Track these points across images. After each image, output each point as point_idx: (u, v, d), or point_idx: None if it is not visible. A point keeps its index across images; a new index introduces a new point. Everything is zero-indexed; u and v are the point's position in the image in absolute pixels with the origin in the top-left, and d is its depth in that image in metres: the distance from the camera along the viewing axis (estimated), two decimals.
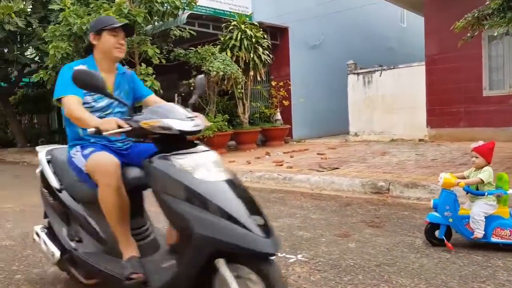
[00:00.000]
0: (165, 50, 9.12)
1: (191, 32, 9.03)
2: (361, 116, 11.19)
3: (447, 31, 9.64)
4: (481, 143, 3.24)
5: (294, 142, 11.60)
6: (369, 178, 5.60)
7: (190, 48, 9.46)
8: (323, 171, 6.47)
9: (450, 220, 3.16)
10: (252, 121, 11.09)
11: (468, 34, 5.53)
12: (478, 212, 3.08)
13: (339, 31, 13.32)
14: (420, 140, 10.09)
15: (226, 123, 9.82)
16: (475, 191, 3.16)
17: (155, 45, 8.80)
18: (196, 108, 2.34)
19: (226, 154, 9.75)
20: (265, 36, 10.29)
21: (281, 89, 11.09)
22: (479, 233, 3.06)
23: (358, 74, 11.16)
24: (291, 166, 7.13)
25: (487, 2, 5.19)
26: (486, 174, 3.13)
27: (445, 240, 3.14)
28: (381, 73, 10.68)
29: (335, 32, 13.15)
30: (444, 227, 3.16)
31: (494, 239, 3.06)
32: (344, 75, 11.91)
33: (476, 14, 5.16)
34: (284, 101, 11.12)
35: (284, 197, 5.37)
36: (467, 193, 3.24)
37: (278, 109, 11.22)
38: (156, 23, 9.00)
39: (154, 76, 8.59)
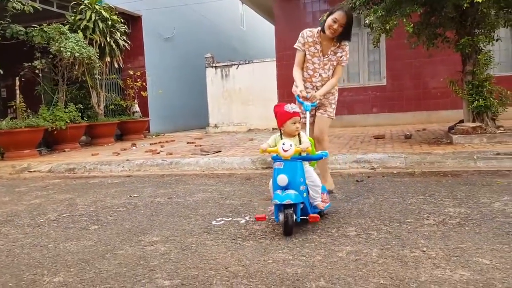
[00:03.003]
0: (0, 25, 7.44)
1: (35, 5, 7.62)
2: (220, 108, 11.49)
3: (292, 32, 10.88)
4: (295, 107, 2.74)
5: (153, 136, 11.06)
6: (258, 156, 5.81)
7: (33, 26, 7.98)
8: (207, 154, 6.39)
9: (305, 194, 2.55)
10: (105, 114, 10.07)
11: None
12: (317, 178, 2.71)
13: (190, 25, 13.36)
14: (273, 129, 10.95)
15: (80, 114, 8.67)
16: (316, 156, 2.79)
17: None
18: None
19: (80, 149, 8.59)
20: (122, 21, 9.50)
21: (138, 80, 10.42)
22: (320, 201, 2.71)
23: (216, 67, 11.42)
24: (171, 153, 6.80)
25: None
26: (306, 137, 2.83)
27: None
28: (237, 67, 11.19)
29: (186, 26, 13.12)
30: (299, 205, 2.51)
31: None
32: (199, 71, 12.01)
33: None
34: (142, 92, 10.49)
35: (180, 179, 5.09)
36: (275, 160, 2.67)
37: (135, 101, 10.50)
38: None
39: None
